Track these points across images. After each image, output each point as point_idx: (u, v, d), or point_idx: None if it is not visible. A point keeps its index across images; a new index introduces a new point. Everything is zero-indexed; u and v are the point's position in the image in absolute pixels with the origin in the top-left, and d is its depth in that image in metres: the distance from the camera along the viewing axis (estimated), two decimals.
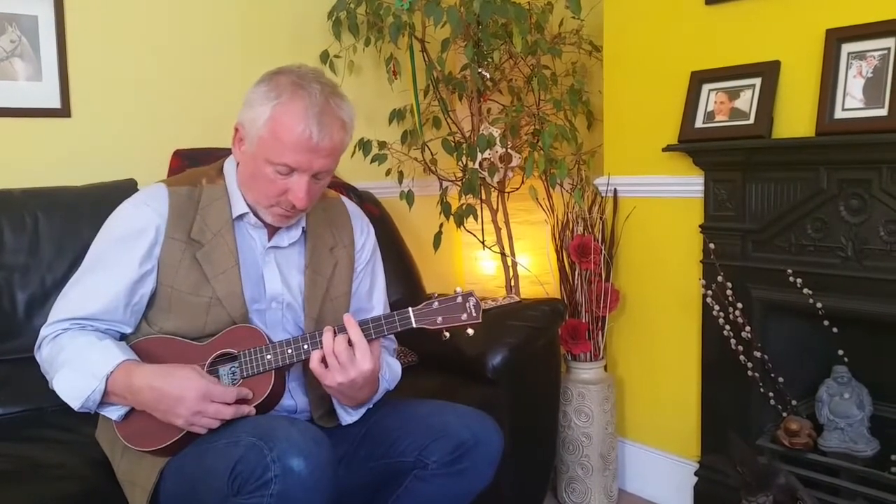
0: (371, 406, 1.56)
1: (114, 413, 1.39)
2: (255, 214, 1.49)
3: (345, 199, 1.71)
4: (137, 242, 1.43)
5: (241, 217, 1.49)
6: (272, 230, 1.53)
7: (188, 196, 1.47)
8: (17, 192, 1.99)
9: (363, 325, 1.42)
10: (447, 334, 1.44)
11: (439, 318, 1.42)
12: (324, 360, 1.39)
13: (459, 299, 1.43)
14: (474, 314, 1.42)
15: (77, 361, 1.36)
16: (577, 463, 2.44)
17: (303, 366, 1.51)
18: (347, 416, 1.54)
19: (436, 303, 1.43)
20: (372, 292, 1.69)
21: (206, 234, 1.45)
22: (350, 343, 1.39)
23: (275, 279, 1.52)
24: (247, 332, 1.43)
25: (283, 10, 2.68)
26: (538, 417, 2.30)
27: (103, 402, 1.37)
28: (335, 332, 1.40)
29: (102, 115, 2.31)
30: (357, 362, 1.38)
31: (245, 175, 1.47)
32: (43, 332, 1.43)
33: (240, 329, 1.44)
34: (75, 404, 1.35)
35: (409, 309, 1.42)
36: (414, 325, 1.42)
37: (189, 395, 1.31)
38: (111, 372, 1.34)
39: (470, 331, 1.45)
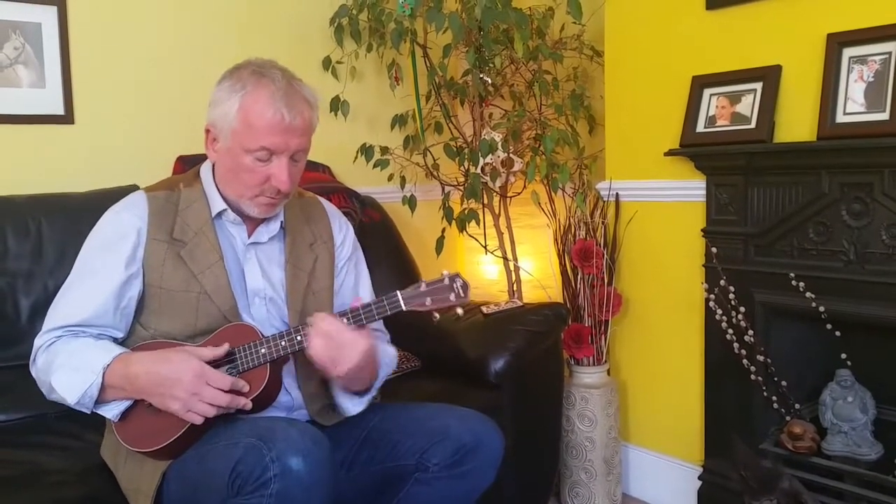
0: (374, 394, 1.57)
1: (110, 412, 1.39)
2: (235, 211, 1.51)
3: (322, 199, 1.74)
4: (120, 246, 1.45)
5: (220, 215, 1.51)
6: (251, 227, 1.55)
7: (166, 199, 1.50)
8: (20, 198, 2.00)
9: (353, 312, 1.43)
10: (437, 316, 1.45)
11: (428, 300, 1.43)
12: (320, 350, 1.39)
13: (447, 281, 1.44)
14: (462, 294, 1.44)
15: (73, 362, 1.37)
16: (581, 467, 2.43)
17: (294, 361, 1.52)
18: (353, 407, 1.55)
19: (423, 285, 1.44)
20: (358, 286, 1.70)
21: (187, 233, 1.48)
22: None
23: (256, 274, 1.54)
24: (241, 328, 1.45)
25: (285, 16, 2.69)
26: (541, 422, 2.30)
27: (101, 400, 1.37)
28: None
29: (105, 122, 2.32)
30: (357, 342, 1.39)
31: (224, 171, 1.49)
32: (37, 342, 1.45)
33: (234, 327, 1.45)
34: (72, 398, 1.36)
35: (398, 292, 1.43)
36: (403, 308, 1.43)
37: (185, 376, 1.32)
38: (108, 364, 1.35)
39: (459, 310, 1.46)
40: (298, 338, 1.42)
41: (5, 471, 1.55)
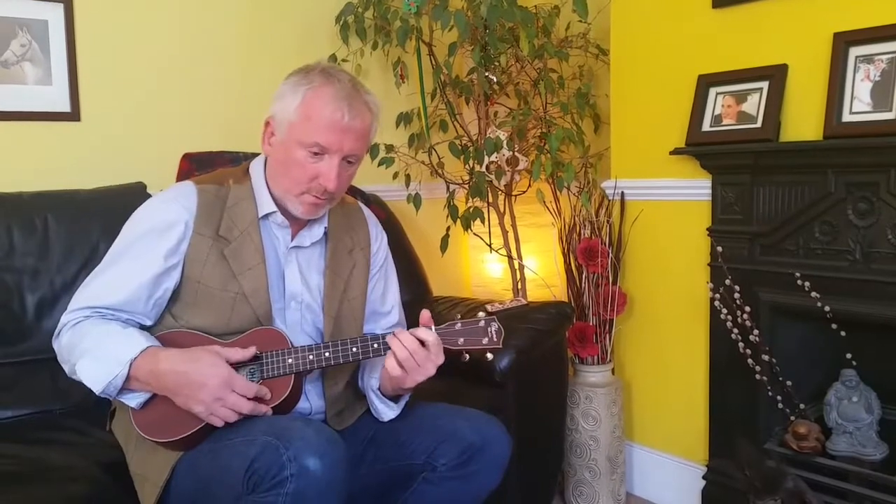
0: (408, 399, 1.59)
1: (132, 400, 1.39)
2: (283, 213, 1.51)
3: (361, 203, 1.75)
4: (165, 236, 1.44)
5: (266, 217, 1.52)
6: (295, 230, 1.55)
7: (216, 194, 1.50)
8: (26, 195, 2.00)
9: (384, 339, 1.45)
10: (467, 356, 1.46)
11: (461, 340, 1.45)
12: (399, 365, 1.43)
13: (482, 323, 1.45)
14: (495, 339, 1.45)
15: (100, 348, 1.37)
16: (585, 466, 2.43)
17: (321, 370, 1.52)
18: (390, 412, 1.57)
19: (458, 324, 1.45)
20: (386, 295, 1.72)
21: (233, 232, 1.48)
22: (422, 342, 1.43)
23: (295, 279, 1.54)
24: (271, 334, 1.45)
25: (291, 14, 2.70)
26: (545, 420, 2.30)
27: (124, 388, 1.37)
28: (397, 337, 1.43)
29: (111, 119, 2.32)
30: (432, 357, 1.43)
31: (275, 165, 1.49)
32: (63, 319, 1.44)
33: (264, 331, 1.45)
34: (97, 388, 1.36)
35: (433, 327, 1.45)
36: None
37: (212, 381, 1.32)
38: (135, 357, 1.35)
39: (489, 355, 1.47)
40: (326, 354, 1.43)
41: (12, 467, 1.54)
